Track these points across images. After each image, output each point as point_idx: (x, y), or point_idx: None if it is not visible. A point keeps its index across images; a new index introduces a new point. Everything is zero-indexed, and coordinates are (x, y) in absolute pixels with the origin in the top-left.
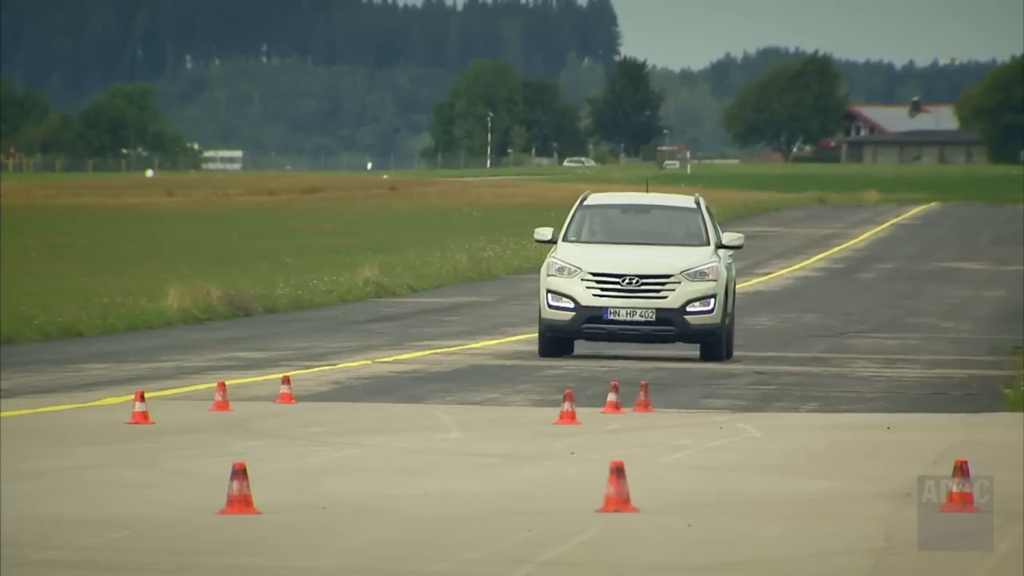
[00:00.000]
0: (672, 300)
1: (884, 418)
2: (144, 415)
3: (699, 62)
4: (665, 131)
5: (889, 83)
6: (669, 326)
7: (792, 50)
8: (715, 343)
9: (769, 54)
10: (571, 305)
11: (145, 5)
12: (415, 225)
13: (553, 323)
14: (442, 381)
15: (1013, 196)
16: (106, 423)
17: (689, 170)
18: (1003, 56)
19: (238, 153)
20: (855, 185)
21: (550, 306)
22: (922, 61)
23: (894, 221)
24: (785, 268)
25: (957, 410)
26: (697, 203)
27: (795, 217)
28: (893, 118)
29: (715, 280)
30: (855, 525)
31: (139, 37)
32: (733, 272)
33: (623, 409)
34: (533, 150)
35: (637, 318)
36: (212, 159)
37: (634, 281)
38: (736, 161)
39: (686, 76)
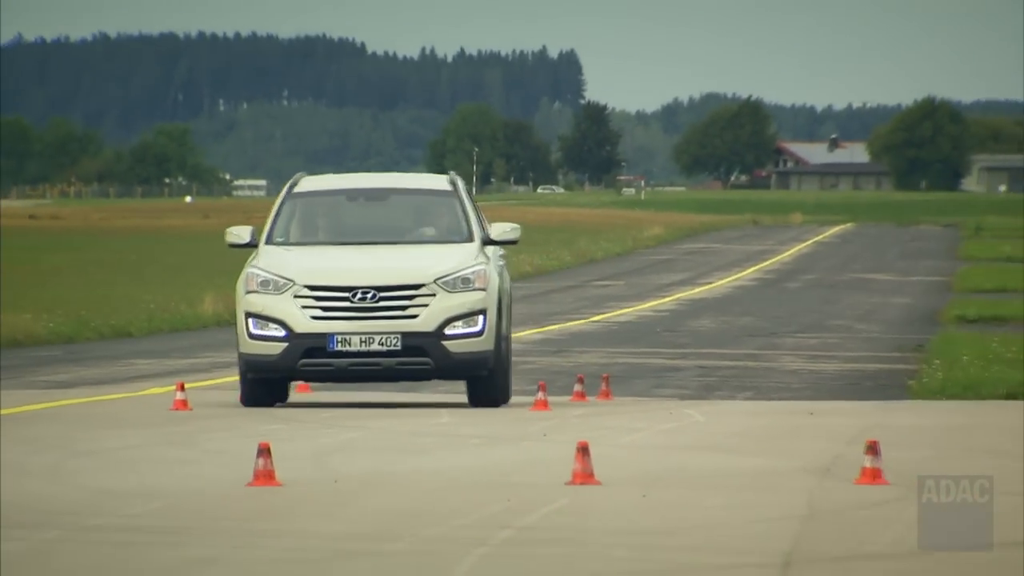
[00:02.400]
0: (425, 320)
1: (808, 405)
2: (184, 402)
3: (652, 105)
4: (623, 163)
5: (811, 123)
6: (422, 357)
7: (730, 95)
8: (487, 378)
9: (711, 99)
10: (281, 333)
11: (185, 57)
12: None
13: (257, 359)
14: None
15: (916, 218)
16: (151, 409)
17: (643, 196)
18: (907, 101)
19: (263, 182)
20: (783, 209)
21: (252, 335)
22: (839, 104)
23: (816, 239)
24: (724, 279)
25: (869, 398)
26: (453, 184)
27: (733, 236)
28: (814, 152)
29: (484, 289)
30: (784, 495)
31: (180, 84)
32: (508, 280)
33: (588, 398)
34: (512, 179)
35: (375, 347)
36: (241, 187)
37: (369, 296)
38: (683, 188)
39: (641, 117)
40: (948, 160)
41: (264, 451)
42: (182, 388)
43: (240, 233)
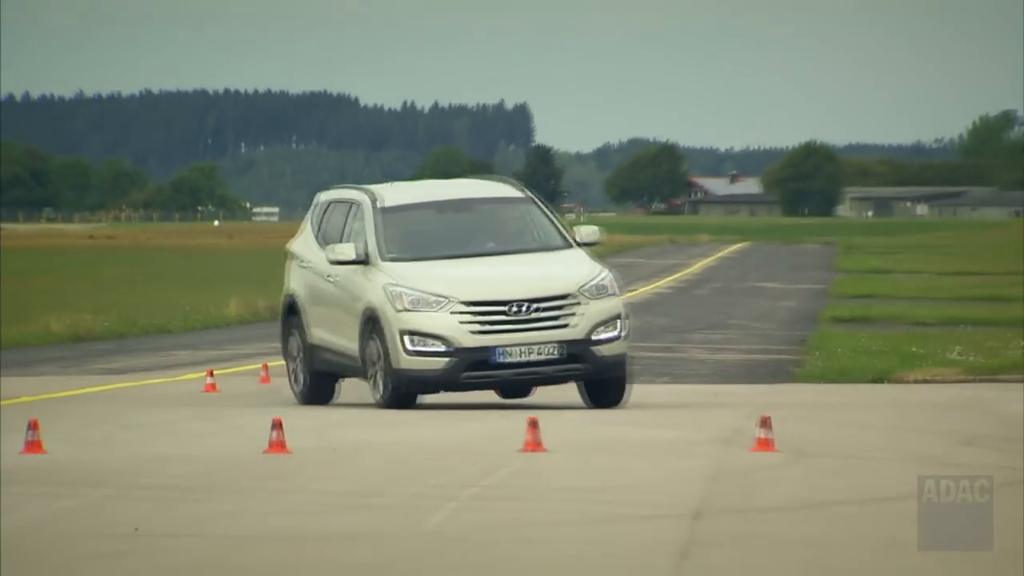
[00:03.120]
0: (578, 328)
1: (713, 388)
2: (213, 386)
3: (588, 147)
4: (565, 194)
5: (715, 162)
6: (578, 363)
7: (651, 139)
8: (620, 379)
9: (636, 142)
10: (442, 348)
11: (214, 109)
12: None
13: (417, 374)
14: None
15: (799, 238)
16: (186, 391)
17: (582, 220)
18: (792, 144)
19: (276, 209)
20: (693, 231)
21: (410, 352)
22: (738, 147)
23: (719, 255)
24: (646, 287)
25: (762, 382)
26: (522, 190)
27: (653, 252)
28: (718, 186)
29: (616, 295)
30: (696, 460)
31: (209, 131)
32: None
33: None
34: None
35: (535, 357)
36: (258, 213)
37: (524, 308)
38: (613, 214)
39: (579, 156)
40: (825, 192)
41: (277, 425)
42: (211, 374)
43: (345, 251)
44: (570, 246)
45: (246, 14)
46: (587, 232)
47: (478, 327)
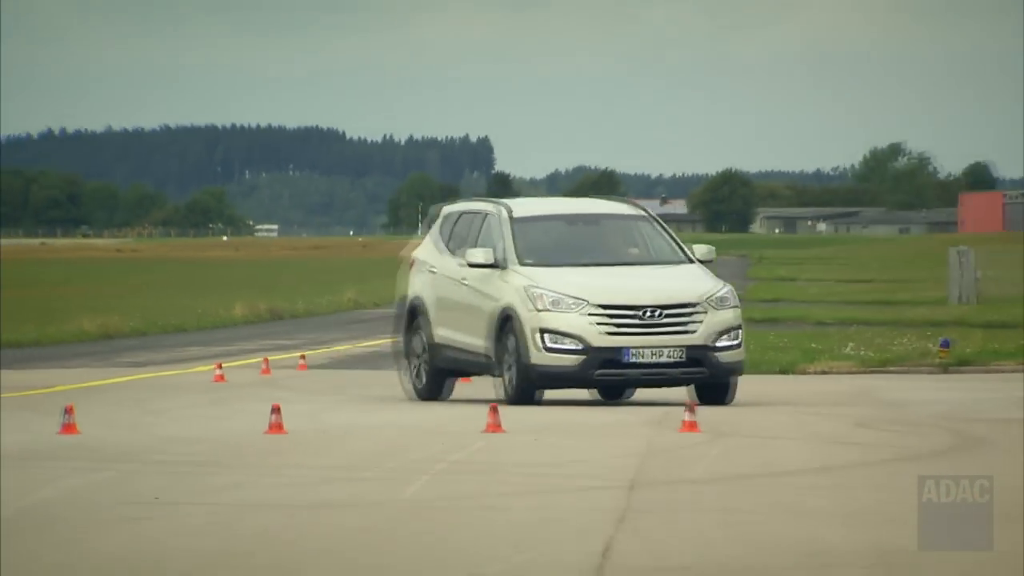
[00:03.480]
0: (701, 334)
1: None
2: (222, 376)
3: (540, 173)
4: None
5: (648, 186)
6: (699, 367)
7: (593, 166)
8: (733, 384)
9: (580, 169)
10: (578, 347)
11: (223, 141)
12: (376, 267)
13: (552, 370)
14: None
15: (719, 252)
16: (199, 381)
17: None
18: (713, 171)
19: (275, 226)
20: None
21: (548, 349)
22: (667, 173)
23: None
24: None
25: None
26: (644, 210)
27: None
28: (651, 207)
29: (737, 306)
30: (631, 439)
31: (219, 160)
32: None
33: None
34: None
35: (663, 359)
36: (260, 230)
37: (655, 313)
38: None
39: (533, 182)
40: (741, 212)
41: (276, 410)
42: (220, 367)
43: (481, 255)
44: (689, 262)
45: (249, 60)
46: (703, 251)
47: (612, 328)
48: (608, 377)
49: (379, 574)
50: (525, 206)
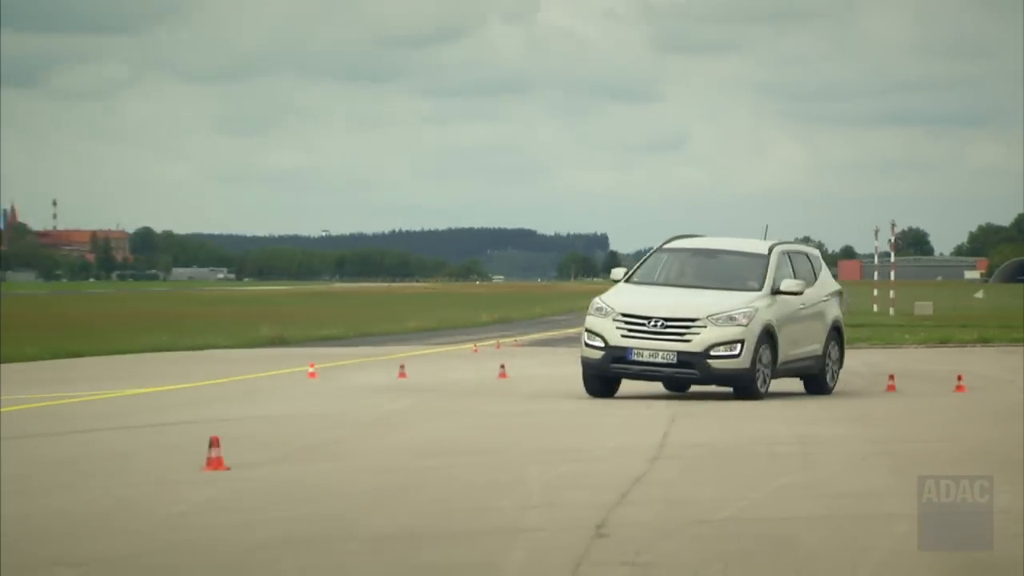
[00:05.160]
0: (695, 344)
1: None
2: (476, 349)
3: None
4: None
5: None
6: (690, 369)
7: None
8: (745, 387)
9: None
10: (601, 344)
11: (483, 238)
12: (553, 297)
13: (588, 360)
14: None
15: None
16: (465, 352)
17: None
18: None
19: (503, 277)
20: None
21: (586, 344)
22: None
23: None
24: None
25: None
26: (770, 250)
27: None
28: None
29: (744, 325)
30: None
31: (486, 244)
32: (833, 313)
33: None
34: None
35: (659, 360)
36: (492, 277)
37: (659, 324)
38: None
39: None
40: None
41: (502, 366)
42: (475, 346)
43: (617, 273)
44: (758, 289)
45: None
46: (789, 284)
47: (626, 332)
48: (620, 369)
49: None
50: (682, 242)
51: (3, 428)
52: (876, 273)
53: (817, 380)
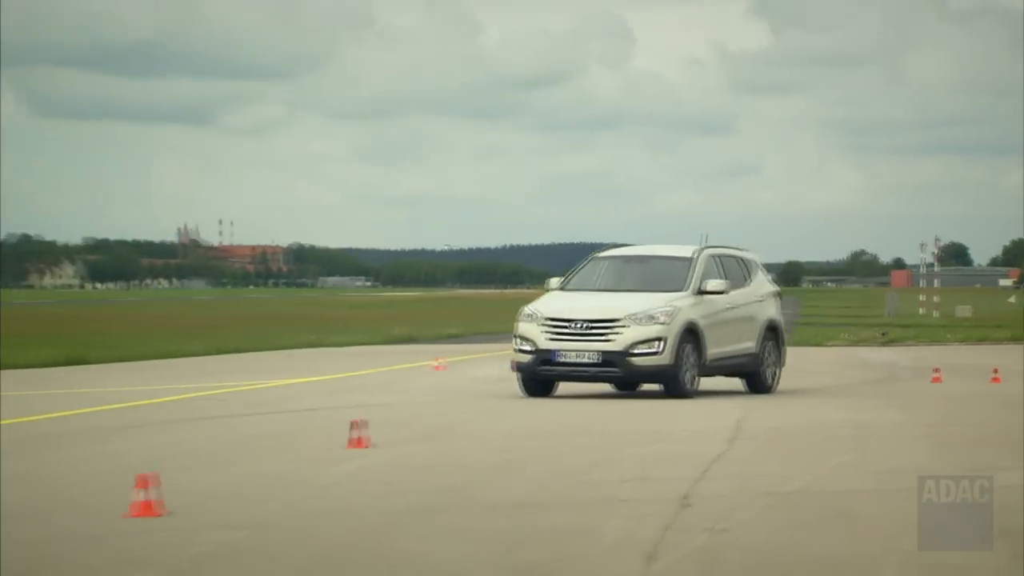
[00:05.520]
0: (617, 343)
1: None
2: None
3: None
4: None
5: None
6: (614, 367)
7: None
8: (669, 383)
9: None
10: (530, 348)
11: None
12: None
13: (519, 364)
14: None
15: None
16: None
17: None
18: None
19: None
20: None
21: (516, 349)
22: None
23: None
24: None
25: None
26: (695, 254)
27: None
28: None
29: (665, 323)
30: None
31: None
32: (768, 313)
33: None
34: None
35: (584, 360)
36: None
37: (581, 325)
38: None
39: None
40: None
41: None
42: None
43: (553, 283)
44: (682, 290)
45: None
46: (713, 284)
47: (551, 335)
48: (548, 371)
49: None
50: (615, 251)
51: (186, 412)
52: (923, 281)
53: (754, 378)
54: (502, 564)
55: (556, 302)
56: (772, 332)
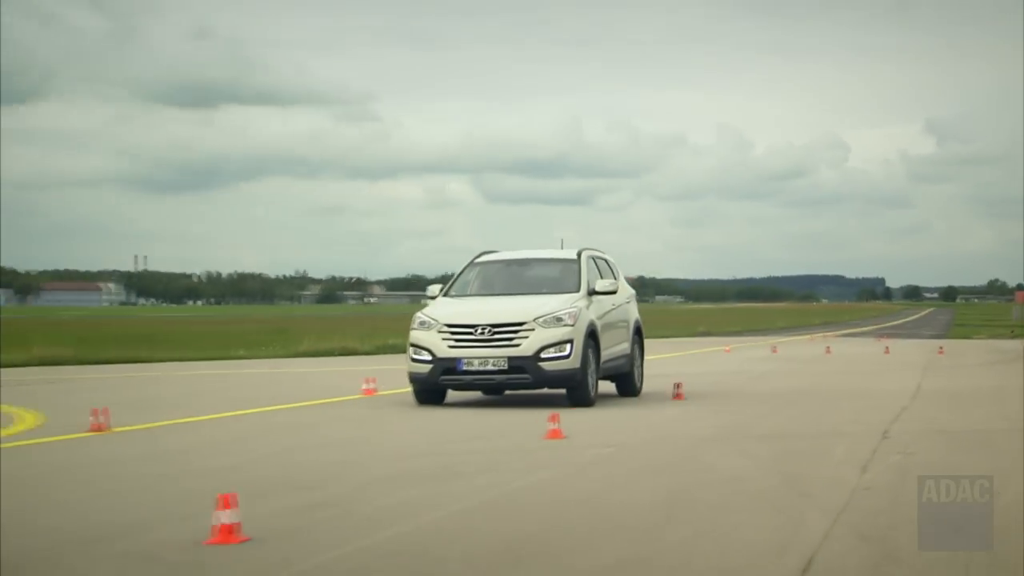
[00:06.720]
0: (525, 347)
1: None
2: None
3: None
4: None
5: None
6: (523, 373)
7: None
8: (575, 387)
9: None
10: (428, 357)
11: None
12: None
13: (416, 375)
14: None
15: None
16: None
17: None
18: None
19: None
20: None
21: (412, 359)
22: None
23: None
24: None
25: None
26: (578, 255)
27: None
28: None
29: (572, 325)
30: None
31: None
32: (634, 315)
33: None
34: None
35: (490, 367)
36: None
37: (486, 331)
38: None
39: None
40: None
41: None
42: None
43: (433, 290)
44: (575, 291)
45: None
46: (602, 284)
47: (453, 342)
48: (451, 381)
49: None
50: (494, 255)
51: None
52: None
53: (627, 380)
54: (773, 470)
55: (451, 307)
56: (638, 334)
